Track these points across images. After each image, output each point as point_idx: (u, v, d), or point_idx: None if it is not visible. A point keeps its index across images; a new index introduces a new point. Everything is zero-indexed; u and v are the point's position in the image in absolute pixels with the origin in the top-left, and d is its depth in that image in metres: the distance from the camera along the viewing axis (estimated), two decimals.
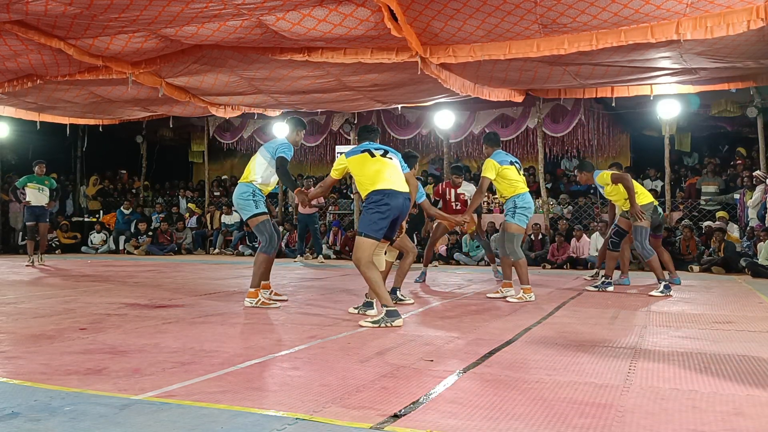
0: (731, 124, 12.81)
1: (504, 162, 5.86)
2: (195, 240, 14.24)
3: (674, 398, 2.59)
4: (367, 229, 4.39)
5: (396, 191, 4.47)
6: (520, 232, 5.86)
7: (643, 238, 6.41)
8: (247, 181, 5.32)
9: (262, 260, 5.27)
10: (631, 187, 6.36)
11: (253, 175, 5.30)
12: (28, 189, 10.06)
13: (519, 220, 5.78)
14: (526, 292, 5.82)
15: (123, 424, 2.21)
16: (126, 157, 16.89)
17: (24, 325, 4.31)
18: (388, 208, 4.39)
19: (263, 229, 5.26)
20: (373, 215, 4.39)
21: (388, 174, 4.50)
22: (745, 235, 10.17)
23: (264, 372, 3.04)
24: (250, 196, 5.26)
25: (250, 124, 15.75)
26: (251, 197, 5.26)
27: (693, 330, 4.33)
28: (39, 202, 10.07)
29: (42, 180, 10.15)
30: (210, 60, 8.07)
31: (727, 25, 5.71)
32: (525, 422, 2.27)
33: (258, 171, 5.30)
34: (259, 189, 5.31)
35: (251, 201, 5.26)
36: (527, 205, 5.81)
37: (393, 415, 2.32)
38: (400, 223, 4.68)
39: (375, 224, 4.39)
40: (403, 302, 5.56)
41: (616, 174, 6.47)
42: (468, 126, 13.97)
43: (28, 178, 10.12)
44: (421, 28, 6.52)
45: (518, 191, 5.82)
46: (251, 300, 5.22)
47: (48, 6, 5.73)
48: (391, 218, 4.45)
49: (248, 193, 5.26)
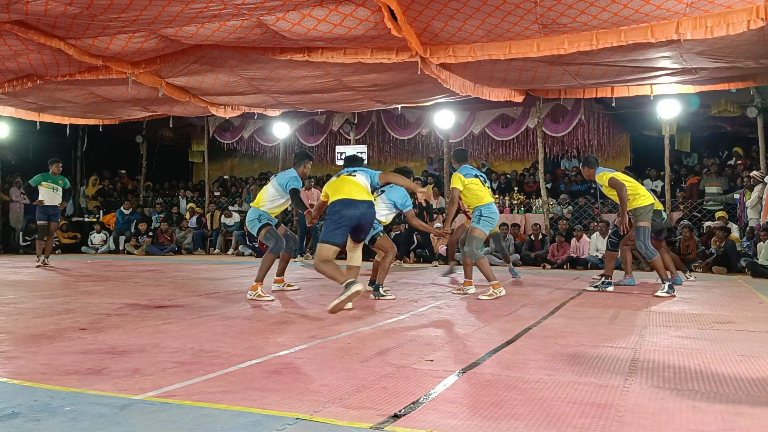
0: (731, 124, 12.81)
1: (469, 175, 6.35)
2: (195, 240, 14.24)
3: (674, 398, 2.59)
4: (325, 235, 4.98)
5: (351, 200, 5.02)
6: (482, 237, 6.34)
7: (645, 238, 6.40)
8: (257, 206, 6.10)
9: (268, 259, 5.94)
10: (625, 199, 6.32)
11: (263, 202, 6.08)
12: (42, 188, 9.79)
13: (483, 226, 6.25)
14: (495, 287, 6.09)
15: (123, 424, 2.21)
16: (126, 157, 16.89)
17: (24, 325, 4.31)
18: (340, 216, 4.96)
19: (269, 236, 5.98)
20: (330, 224, 4.98)
21: (345, 188, 5.14)
22: (744, 235, 10.17)
23: (264, 372, 3.04)
24: (256, 218, 6.03)
25: (250, 124, 15.76)
26: (256, 219, 6.03)
27: (693, 330, 4.33)
28: (52, 201, 9.85)
29: (56, 179, 9.92)
30: (210, 60, 8.07)
31: (727, 25, 5.71)
32: (525, 422, 2.26)
33: (268, 199, 6.07)
34: (266, 213, 6.07)
35: (256, 221, 6.03)
36: (492, 215, 6.31)
37: (393, 415, 2.32)
38: (367, 228, 5.22)
39: (331, 232, 4.95)
40: (385, 297, 5.99)
41: (614, 180, 6.42)
42: (468, 126, 13.97)
43: (43, 177, 9.84)
44: (421, 28, 6.52)
45: (483, 201, 6.29)
46: (251, 292, 5.82)
47: (48, 6, 5.73)
48: (347, 224, 4.98)
49: (255, 217, 6.05)
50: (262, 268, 5.84)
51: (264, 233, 5.97)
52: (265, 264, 5.87)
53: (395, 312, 5.10)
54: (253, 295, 5.74)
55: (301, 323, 4.49)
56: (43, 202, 9.78)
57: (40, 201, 9.79)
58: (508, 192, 13.27)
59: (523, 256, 11.17)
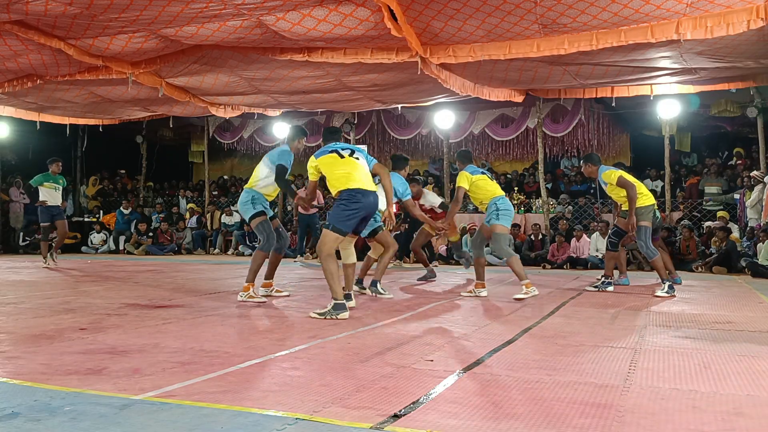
0: (731, 124, 12.80)
1: (476, 172, 6.29)
2: (195, 240, 14.24)
3: (674, 398, 2.59)
4: (336, 222, 4.66)
5: (367, 191, 4.75)
6: (506, 232, 6.15)
7: (646, 238, 6.39)
8: (250, 186, 5.68)
9: (258, 257, 5.63)
10: (634, 198, 6.28)
11: (255, 181, 5.65)
12: (44, 189, 9.61)
13: (503, 220, 6.07)
14: (527, 286, 5.99)
15: (123, 424, 2.21)
16: (126, 157, 16.89)
17: (24, 325, 4.31)
18: (359, 206, 4.68)
19: (262, 229, 5.57)
20: (344, 211, 4.67)
21: (358, 175, 4.79)
22: (744, 235, 10.17)
23: (264, 372, 3.04)
24: (249, 201, 5.61)
25: (250, 124, 15.76)
26: (250, 201, 5.61)
27: (693, 330, 4.33)
28: (55, 201, 9.69)
29: (57, 179, 9.78)
30: (210, 60, 8.07)
31: (727, 25, 5.70)
32: (525, 422, 2.26)
33: (260, 178, 5.64)
34: (260, 193, 5.64)
35: (250, 204, 5.60)
36: (508, 207, 6.15)
37: (393, 415, 2.32)
38: (368, 220, 4.97)
39: (344, 220, 4.67)
40: (383, 296, 5.92)
41: (623, 179, 6.36)
42: (468, 126, 13.97)
43: (44, 177, 9.66)
44: (421, 28, 6.52)
45: (497, 194, 6.19)
46: (242, 294, 5.60)
47: (48, 6, 5.73)
48: (360, 216, 4.74)
49: (248, 198, 5.62)
50: (252, 267, 5.54)
51: (257, 224, 5.55)
52: (255, 263, 5.57)
53: (395, 312, 5.10)
54: (244, 296, 5.52)
55: (301, 323, 4.48)
56: (46, 202, 9.62)
57: (43, 202, 9.62)
58: (508, 192, 13.25)
59: (523, 256, 11.13)
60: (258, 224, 5.56)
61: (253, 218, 5.57)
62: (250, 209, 5.58)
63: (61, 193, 9.91)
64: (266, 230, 5.57)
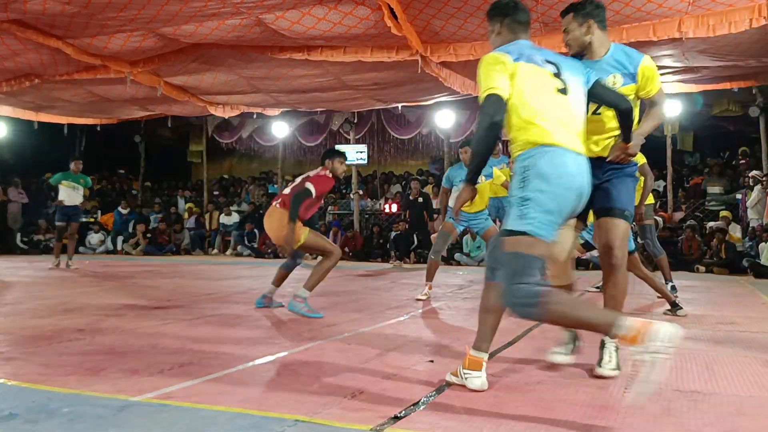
0: (733, 124, 12.78)
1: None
2: (193, 240, 14.20)
3: (675, 398, 2.57)
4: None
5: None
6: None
7: (652, 236, 6.35)
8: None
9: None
10: (650, 187, 6.21)
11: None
12: (62, 187, 9.45)
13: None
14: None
15: (121, 425, 2.19)
16: (124, 157, 16.86)
17: (22, 325, 4.29)
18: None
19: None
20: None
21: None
22: (746, 235, 10.14)
23: (263, 373, 3.02)
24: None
25: (248, 123, 15.72)
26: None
27: (695, 330, 4.30)
28: (73, 201, 9.50)
29: (77, 178, 9.60)
30: (209, 59, 8.04)
31: (729, 24, 5.69)
32: (525, 423, 2.25)
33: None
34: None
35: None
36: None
37: (393, 417, 2.30)
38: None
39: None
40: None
41: (645, 167, 5.55)
42: (469, 125, 13.93)
43: (63, 176, 9.51)
44: (422, 27, 6.49)
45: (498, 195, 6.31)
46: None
47: (46, 5, 5.71)
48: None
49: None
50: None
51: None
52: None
53: (395, 313, 5.08)
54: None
55: (301, 324, 4.46)
56: (63, 202, 9.44)
57: (60, 201, 9.45)
58: None
59: None
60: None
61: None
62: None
63: (82, 193, 9.69)
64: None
